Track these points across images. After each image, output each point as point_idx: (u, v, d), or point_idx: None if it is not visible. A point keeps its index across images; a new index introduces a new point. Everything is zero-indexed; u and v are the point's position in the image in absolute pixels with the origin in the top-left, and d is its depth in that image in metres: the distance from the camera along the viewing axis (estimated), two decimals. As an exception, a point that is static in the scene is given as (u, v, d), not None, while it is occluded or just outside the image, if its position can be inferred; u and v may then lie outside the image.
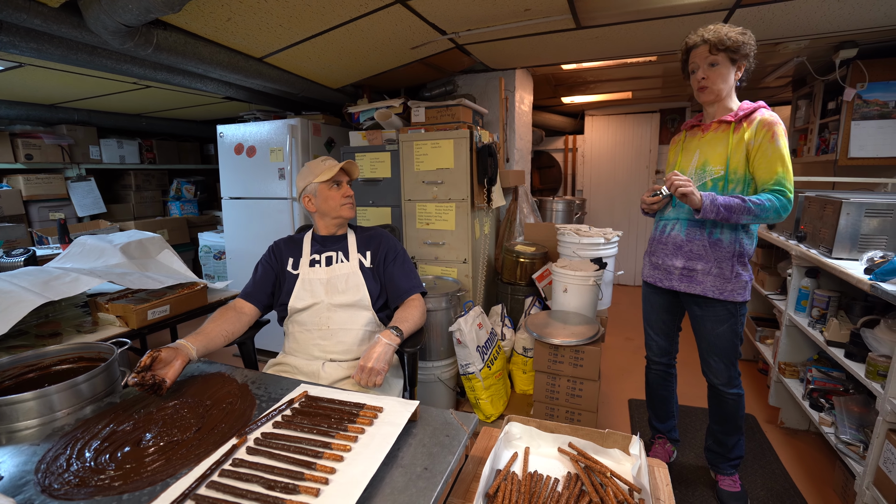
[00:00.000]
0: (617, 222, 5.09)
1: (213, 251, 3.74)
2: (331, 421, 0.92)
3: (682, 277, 1.67)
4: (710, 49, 1.51)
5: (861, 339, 1.67)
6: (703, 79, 1.55)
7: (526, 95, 3.43)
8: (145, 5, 1.37)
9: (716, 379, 1.70)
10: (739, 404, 1.70)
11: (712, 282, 1.60)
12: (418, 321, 1.47)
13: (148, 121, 3.97)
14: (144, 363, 1.05)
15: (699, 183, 1.61)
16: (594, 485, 0.84)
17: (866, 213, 1.80)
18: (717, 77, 1.54)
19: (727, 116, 1.58)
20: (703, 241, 1.61)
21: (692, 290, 1.64)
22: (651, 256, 1.79)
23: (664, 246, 1.72)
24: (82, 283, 1.59)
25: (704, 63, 1.54)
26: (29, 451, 0.87)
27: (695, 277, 1.63)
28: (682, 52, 1.63)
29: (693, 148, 1.67)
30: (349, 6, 1.83)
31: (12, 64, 2.24)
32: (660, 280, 1.75)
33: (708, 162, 1.60)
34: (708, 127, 1.64)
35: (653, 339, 1.90)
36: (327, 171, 1.50)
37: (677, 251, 1.67)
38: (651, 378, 1.95)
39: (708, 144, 1.62)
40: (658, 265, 1.75)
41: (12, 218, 3.24)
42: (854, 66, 2.66)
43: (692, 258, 1.63)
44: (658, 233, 1.76)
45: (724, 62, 1.52)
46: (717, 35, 1.49)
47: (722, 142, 1.58)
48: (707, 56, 1.53)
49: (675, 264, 1.67)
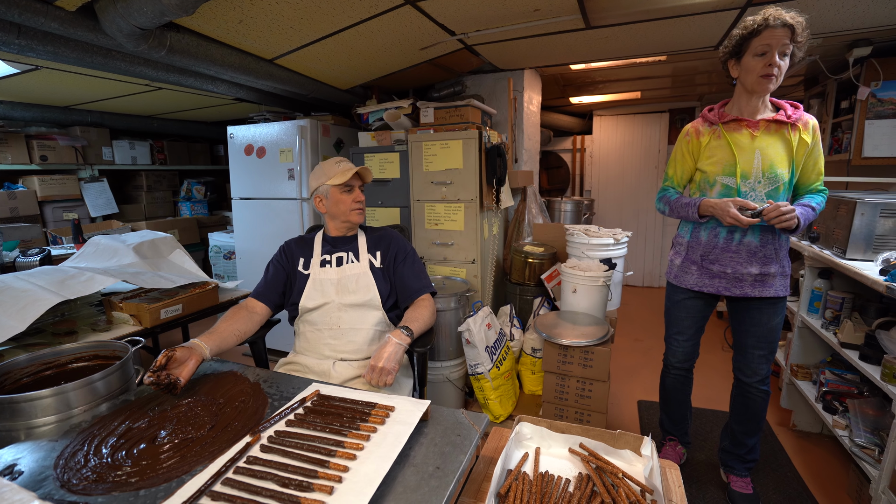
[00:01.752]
0: (625, 223, 5.06)
1: (222, 251, 3.77)
2: (343, 420, 0.92)
3: (755, 283, 1.60)
4: (791, 36, 1.37)
5: (876, 341, 1.65)
6: (773, 66, 1.40)
7: (534, 96, 3.42)
8: (160, 8, 1.39)
9: (754, 375, 1.67)
10: (766, 402, 1.69)
11: (780, 282, 1.59)
12: (428, 321, 1.47)
13: (159, 122, 4.02)
14: (160, 362, 1.06)
15: (773, 187, 1.52)
16: (606, 485, 0.84)
17: (881, 213, 1.78)
18: (784, 69, 1.42)
19: (779, 116, 1.49)
20: (775, 243, 1.57)
21: (766, 293, 1.59)
22: (711, 265, 1.65)
23: (734, 254, 1.60)
24: (97, 283, 1.61)
25: (779, 49, 1.39)
26: (47, 446, 0.89)
27: (767, 281, 1.59)
28: (747, 29, 1.42)
29: (748, 147, 1.53)
30: (359, 8, 1.84)
31: (29, 67, 2.28)
32: (726, 289, 1.63)
33: (775, 164, 1.50)
34: (756, 125, 1.52)
35: (680, 346, 1.82)
36: (340, 175, 1.50)
37: (751, 258, 1.58)
38: (669, 383, 1.91)
39: (768, 145, 1.51)
40: (725, 274, 1.62)
41: (28, 218, 3.29)
42: (868, 64, 2.62)
43: (766, 263, 1.58)
44: (721, 240, 1.62)
45: (792, 54, 1.42)
46: (796, 22, 1.36)
47: (783, 143, 1.50)
48: (785, 42, 1.38)
49: (751, 271, 1.58)
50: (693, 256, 1.70)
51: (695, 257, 1.69)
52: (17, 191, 3.26)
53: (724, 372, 2.89)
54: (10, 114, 3.10)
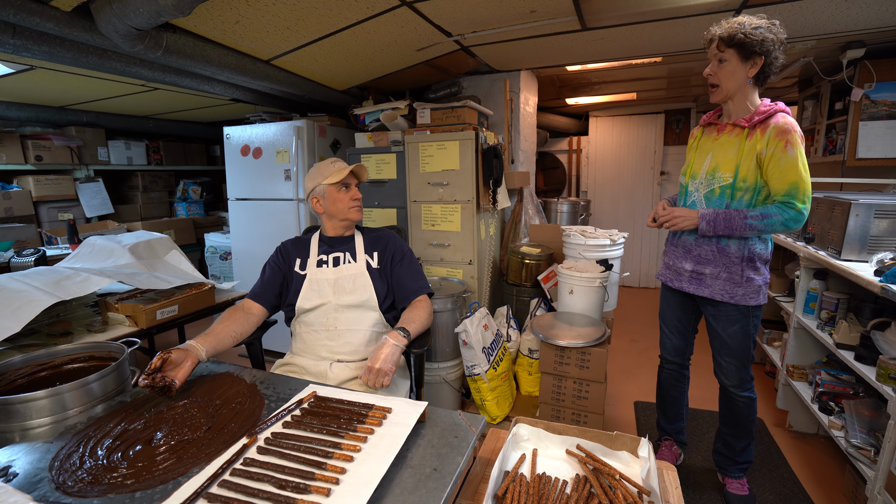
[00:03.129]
0: (622, 223, 5.07)
1: (218, 252, 3.76)
2: (340, 421, 0.92)
3: (691, 280, 1.67)
4: (717, 44, 1.46)
5: (871, 342, 1.66)
6: (710, 75, 1.51)
7: (531, 97, 3.43)
8: (156, 9, 1.39)
9: (727, 380, 1.69)
10: (751, 408, 1.68)
11: (721, 286, 1.59)
12: (425, 322, 1.47)
13: (155, 122, 4.00)
14: (155, 365, 1.06)
15: (707, 189, 1.57)
16: (603, 487, 0.84)
17: (876, 214, 1.79)
18: (725, 75, 1.48)
19: (741, 120, 1.51)
20: (712, 246, 1.59)
21: (701, 292, 1.64)
22: (664, 256, 1.81)
23: (675, 248, 1.73)
24: (93, 283, 1.60)
25: (714, 58, 1.49)
26: (42, 448, 0.88)
27: (703, 281, 1.63)
28: (704, 45, 1.55)
29: (707, 149, 1.62)
30: (356, 9, 1.84)
31: (24, 67, 2.27)
32: (670, 280, 1.76)
33: (718, 167, 1.54)
34: (723, 128, 1.58)
35: (667, 337, 1.88)
36: (336, 174, 1.51)
37: (686, 254, 1.67)
38: (663, 378, 1.94)
39: (721, 148, 1.56)
40: (670, 266, 1.76)
41: (22, 218, 3.27)
42: (862, 66, 2.64)
43: (700, 262, 1.62)
44: (670, 234, 1.76)
45: (732, 58, 1.45)
46: (729, 29, 1.43)
47: (734, 147, 1.52)
48: (715, 52, 1.48)
49: (685, 267, 1.67)
50: (665, 249, 1.85)
51: (665, 250, 1.85)
52: (12, 191, 3.24)
53: (720, 372, 2.90)
54: (5, 113, 3.08)
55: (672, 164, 4.86)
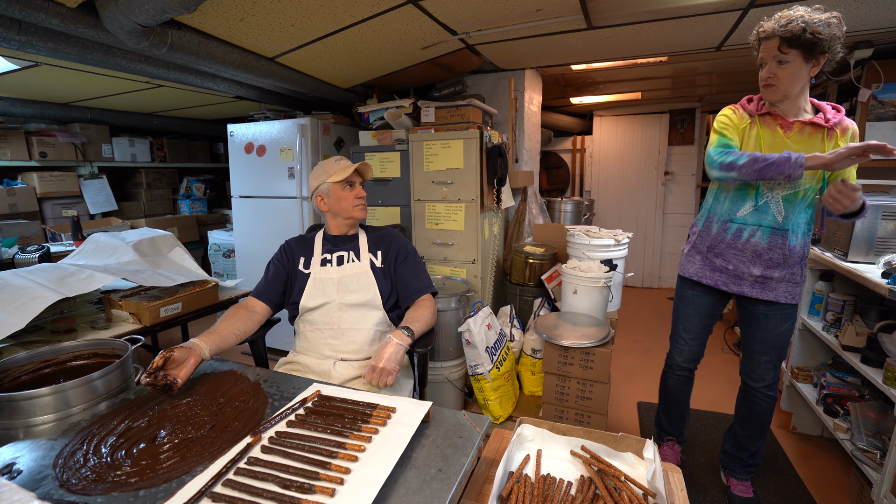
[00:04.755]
0: (625, 223, 5.05)
1: (222, 249, 3.76)
2: (344, 421, 0.92)
3: (755, 284, 1.58)
4: (780, 45, 1.35)
5: (878, 344, 1.65)
6: (768, 77, 1.41)
7: (535, 96, 3.41)
8: (161, 5, 1.38)
9: (760, 380, 1.66)
10: (772, 408, 1.68)
11: (785, 288, 1.56)
12: (429, 321, 1.47)
13: (159, 120, 4.01)
14: (157, 364, 1.05)
15: (790, 191, 1.47)
16: (608, 488, 0.83)
17: (883, 216, 1.78)
18: (787, 77, 1.38)
19: (817, 119, 1.44)
20: (784, 249, 1.52)
21: (765, 296, 1.57)
22: (715, 258, 1.64)
23: (739, 252, 1.58)
24: (97, 280, 1.60)
25: (773, 59, 1.38)
26: (46, 445, 0.88)
27: (768, 285, 1.57)
28: (754, 40, 1.45)
29: (778, 145, 1.48)
30: (361, 6, 1.84)
31: (29, 63, 2.27)
32: (725, 284, 1.63)
33: None
34: (790, 126, 1.46)
35: (686, 344, 1.80)
36: (341, 172, 1.50)
37: (756, 259, 1.56)
38: (671, 384, 1.90)
39: (799, 147, 1.45)
40: (726, 269, 1.62)
41: (27, 215, 3.28)
42: (869, 66, 2.62)
43: (771, 266, 1.55)
44: (729, 235, 1.60)
45: (795, 59, 1.35)
46: (791, 28, 1.31)
47: (814, 147, 1.44)
48: (776, 53, 1.36)
49: (752, 272, 1.57)
50: (700, 246, 1.70)
51: (701, 247, 1.70)
52: (17, 187, 3.25)
53: (725, 374, 2.89)
54: (10, 110, 3.09)
55: (676, 164, 4.83)
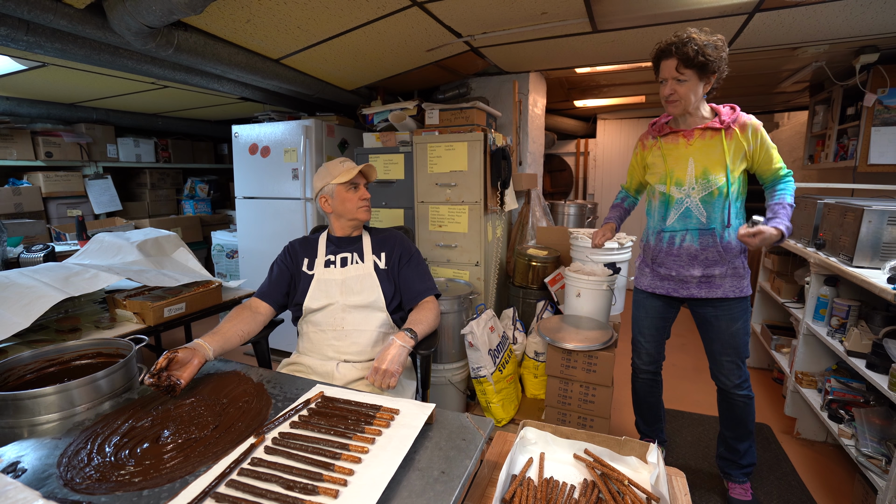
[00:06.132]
0: (628, 227, 5.04)
1: (225, 250, 3.77)
2: (347, 422, 0.92)
3: (700, 285, 1.66)
4: (677, 66, 1.49)
5: (883, 350, 1.64)
6: (670, 94, 1.54)
7: (539, 99, 3.42)
8: (168, 7, 1.39)
9: (728, 381, 1.69)
10: (750, 407, 1.69)
11: (730, 283, 1.62)
12: (432, 323, 1.47)
13: (164, 120, 4.03)
14: (161, 364, 1.05)
15: (705, 193, 1.58)
16: (612, 492, 0.83)
17: (889, 221, 1.77)
18: (686, 92, 1.52)
19: (713, 123, 1.56)
20: (717, 246, 1.60)
21: (713, 294, 1.64)
22: (658, 268, 1.74)
23: (676, 258, 1.67)
24: (101, 280, 1.61)
25: (672, 77, 1.52)
26: (51, 444, 0.88)
27: (713, 282, 1.63)
28: (652, 56, 1.59)
29: (682, 156, 1.61)
30: (367, 9, 1.84)
31: (36, 63, 2.29)
32: (673, 290, 1.71)
33: (708, 170, 1.57)
34: (691, 133, 1.61)
35: (643, 347, 1.86)
36: (345, 174, 1.50)
37: (692, 261, 1.65)
38: (639, 387, 1.93)
39: (701, 152, 1.58)
40: (670, 276, 1.71)
41: (32, 214, 3.30)
42: (875, 70, 2.61)
43: (709, 265, 1.63)
44: (664, 244, 1.69)
45: (692, 78, 1.50)
46: (686, 50, 1.45)
47: (716, 148, 1.56)
48: (674, 73, 1.50)
49: (693, 274, 1.65)
50: (647, 259, 1.80)
51: (647, 260, 1.79)
52: (22, 187, 3.27)
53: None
54: (16, 110, 3.11)
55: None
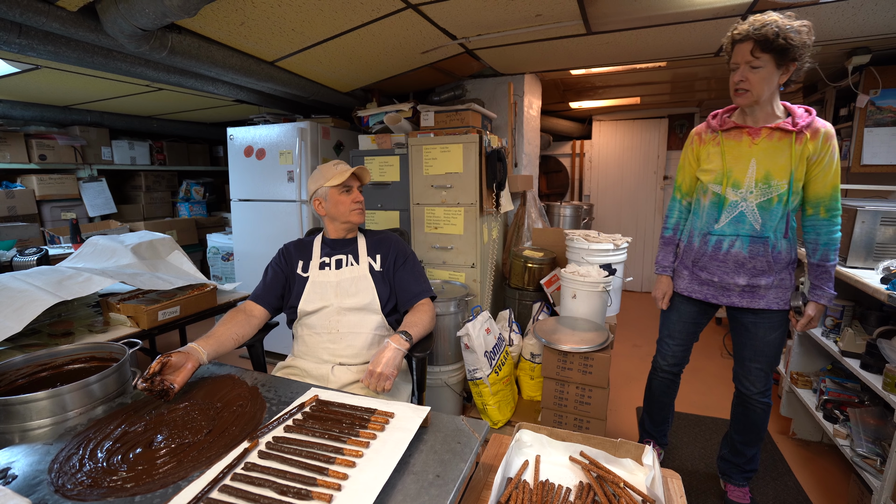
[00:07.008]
0: (624, 228, 5.06)
1: (221, 252, 3.76)
2: (342, 426, 0.91)
3: (743, 294, 1.58)
4: (752, 49, 1.34)
5: (877, 350, 1.65)
6: (740, 81, 1.39)
7: (534, 100, 3.42)
8: (161, 10, 1.39)
9: (753, 387, 1.65)
10: (767, 414, 1.67)
11: (775, 294, 1.55)
12: (428, 326, 1.46)
13: (159, 123, 4.01)
14: (154, 369, 1.05)
15: (763, 199, 1.47)
16: (607, 495, 0.83)
17: (882, 221, 1.78)
18: (759, 81, 1.37)
19: (784, 124, 1.42)
20: (767, 256, 1.51)
21: (755, 305, 1.57)
22: (700, 272, 1.64)
23: (721, 263, 1.58)
24: (95, 283, 1.60)
25: (745, 64, 1.37)
26: (42, 450, 0.87)
27: (757, 293, 1.56)
28: (727, 42, 1.43)
29: (744, 155, 1.49)
30: (361, 11, 1.84)
31: (29, 66, 2.27)
32: (714, 297, 1.63)
33: (771, 175, 1.44)
34: (758, 133, 1.47)
35: (670, 350, 1.82)
36: (338, 176, 1.50)
37: (739, 269, 1.55)
38: (656, 385, 1.91)
39: (765, 154, 1.45)
40: (711, 282, 1.62)
41: (26, 217, 3.27)
42: (867, 72, 2.63)
43: (756, 275, 1.54)
44: (710, 248, 1.60)
45: (768, 64, 1.35)
46: (765, 32, 1.30)
47: (783, 153, 1.43)
48: (749, 58, 1.35)
49: (738, 282, 1.56)
50: (686, 261, 1.71)
51: (687, 262, 1.70)
52: (16, 190, 3.24)
53: (723, 379, 2.88)
54: (10, 113, 3.09)
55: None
